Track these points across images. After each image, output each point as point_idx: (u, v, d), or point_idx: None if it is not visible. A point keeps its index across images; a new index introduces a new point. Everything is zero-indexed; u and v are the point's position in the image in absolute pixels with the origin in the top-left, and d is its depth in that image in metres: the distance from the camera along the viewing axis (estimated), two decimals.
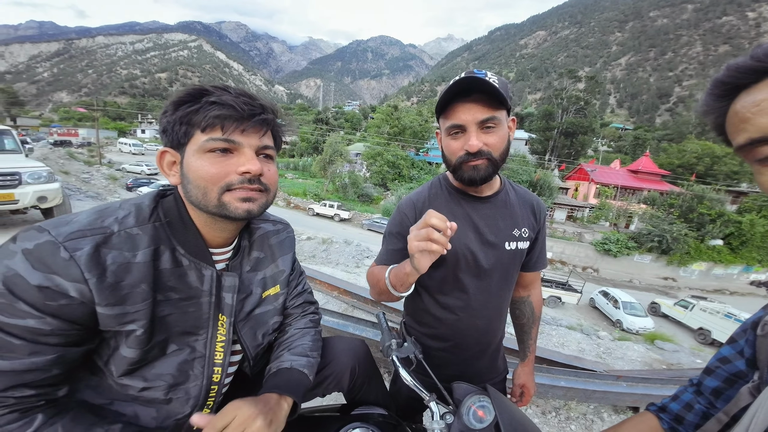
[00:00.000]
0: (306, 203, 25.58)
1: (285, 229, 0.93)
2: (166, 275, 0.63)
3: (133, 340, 0.60)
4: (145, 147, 45.11)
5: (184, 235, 0.66)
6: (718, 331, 12.71)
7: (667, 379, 2.49)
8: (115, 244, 0.57)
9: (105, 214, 0.60)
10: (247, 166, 0.63)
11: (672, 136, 61.30)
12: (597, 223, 25.44)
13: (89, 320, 0.56)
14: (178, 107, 0.61)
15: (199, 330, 0.69)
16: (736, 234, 21.88)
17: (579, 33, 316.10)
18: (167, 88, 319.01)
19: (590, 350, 3.87)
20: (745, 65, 0.41)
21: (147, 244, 0.61)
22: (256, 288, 0.81)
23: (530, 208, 1.04)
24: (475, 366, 1.06)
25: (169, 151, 0.64)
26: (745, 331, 0.59)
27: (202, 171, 0.61)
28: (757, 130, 0.40)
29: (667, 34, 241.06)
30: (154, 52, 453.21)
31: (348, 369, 0.92)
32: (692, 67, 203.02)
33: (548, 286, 14.64)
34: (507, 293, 1.04)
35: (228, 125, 0.61)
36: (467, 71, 0.83)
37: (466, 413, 0.78)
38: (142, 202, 0.65)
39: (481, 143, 0.84)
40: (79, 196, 8.70)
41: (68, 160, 16.52)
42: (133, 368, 0.63)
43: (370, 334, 2.29)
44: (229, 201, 0.63)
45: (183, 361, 0.68)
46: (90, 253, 0.54)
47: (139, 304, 0.59)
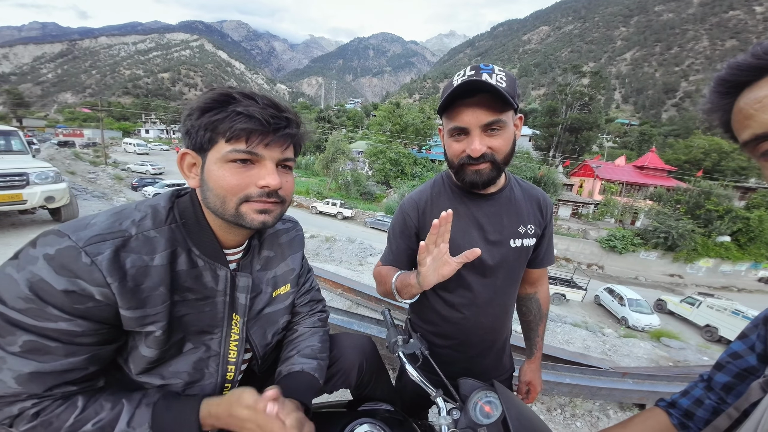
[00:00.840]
0: (309, 201, 25.66)
1: (294, 227, 0.93)
2: (182, 276, 0.64)
3: (152, 340, 0.62)
4: (150, 147, 45.45)
5: (200, 237, 0.67)
6: (725, 328, 12.61)
7: (674, 376, 2.47)
8: (133, 247, 0.58)
9: (122, 216, 0.60)
10: (267, 180, 0.63)
11: (678, 131, 60.54)
12: (602, 219, 25.24)
13: (116, 320, 0.58)
14: (204, 113, 0.60)
15: (214, 329, 0.71)
16: (744, 230, 21.59)
17: (583, 28, 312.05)
18: (170, 88, 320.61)
19: (595, 347, 3.85)
20: (746, 63, 0.41)
21: (164, 246, 0.62)
22: (267, 287, 0.82)
23: (536, 204, 1.01)
24: (480, 364, 1.05)
25: (191, 154, 0.65)
26: (757, 326, 0.59)
27: (223, 181, 0.62)
28: (760, 126, 0.41)
29: (673, 29, 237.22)
30: (156, 52, 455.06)
31: (356, 365, 0.92)
32: (699, 62, 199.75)
33: (553, 283, 14.58)
34: (513, 291, 1.03)
35: (253, 138, 0.61)
36: (472, 65, 0.80)
37: (472, 409, 0.78)
38: (158, 203, 0.66)
39: (485, 147, 0.80)
40: (85, 195, 8.78)
41: (74, 160, 16.68)
42: (151, 366, 0.65)
43: (374, 331, 2.30)
44: (246, 212, 0.64)
45: (198, 359, 0.70)
46: (110, 258, 0.54)
47: (159, 306, 0.61)
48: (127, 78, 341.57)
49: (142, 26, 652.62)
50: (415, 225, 0.98)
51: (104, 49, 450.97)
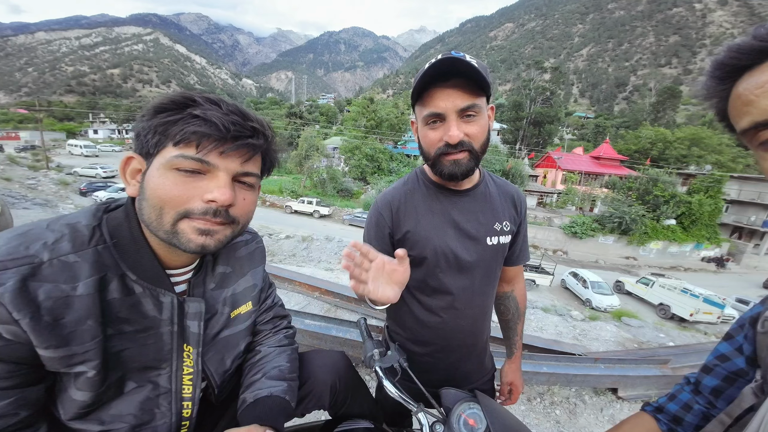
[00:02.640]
0: (283, 201, 24.83)
1: (254, 239, 0.83)
2: (115, 306, 0.55)
3: (84, 382, 0.53)
4: (99, 148, 41.65)
5: (136, 259, 0.57)
6: (676, 306, 13.75)
7: (641, 359, 2.63)
8: (46, 275, 0.48)
9: (29, 238, 0.49)
10: (215, 193, 0.53)
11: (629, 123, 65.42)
12: (564, 207, 26.80)
13: (35, 360, 0.49)
14: (156, 114, 0.53)
15: (161, 363, 0.62)
16: (686, 213, 23.84)
17: (544, 25, 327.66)
18: (121, 85, 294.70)
19: (567, 332, 4.05)
20: (747, 45, 0.38)
21: (89, 273, 0.52)
22: (223, 307, 0.72)
23: (511, 201, 1.00)
24: (462, 368, 1.02)
25: (137, 158, 0.56)
26: (742, 326, 0.56)
27: (162, 190, 0.52)
28: (761, 113, 0.38)
29: (624, 26, 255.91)
30: (104, 47, 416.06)
31: (328, 385, 0.85)
32: (645, 57, 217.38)
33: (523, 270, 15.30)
34: (491, 290, 1.00)
35: (205, 144, 0.52)
36: (444, 53, 0.75)
37: (456, 422, 0.74)
38: (78, 221, 0.55)
39: (462, 134, 0.77)
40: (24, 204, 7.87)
41: (9, 165, 14.90)
42: (85, 411, 0.56)
43: (354, 335, 2.24)
44: (183, 230, 0.54)
45: (145, 399, 0.61)
46: (15, 289, 0.45)
47: (88, 343, 0.51)
48: (70, 75, 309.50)
49: (86, 20, 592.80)
50: (389, 225, 0.93)
51: (42, 45, 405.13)
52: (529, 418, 2.10)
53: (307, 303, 3.66)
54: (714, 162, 30.50)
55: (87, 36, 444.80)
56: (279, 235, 11.61)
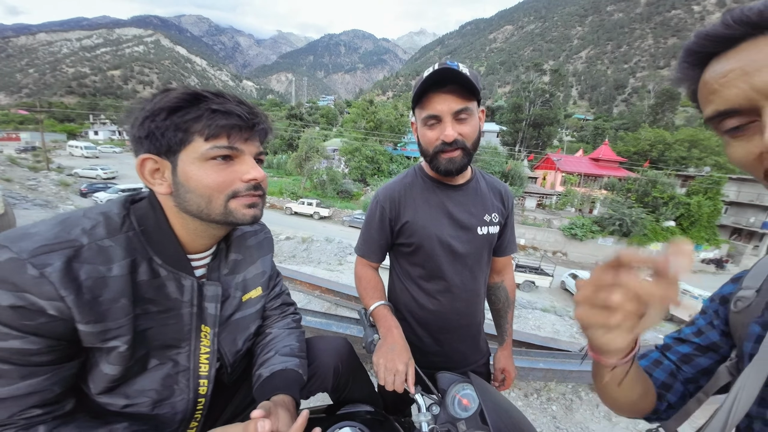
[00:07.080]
0: (283, 202, 24.86)
1: (263, 229, 0.91)
2: (143, 287, 0.61)
3: (116, 356, 0.58)
4: (100, 149, 41.66)
5: (161, 244, 0.63)
6: (675, 306, 13.88)
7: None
8: (86, 257, 0.54)
9: (69, 224, 0.55)
10: (253, 173, 0.64)
11: (628, 125, 65.49)
12: (564, 209, 26.84)
13: (73, 336, 0.54)
14: (172, 113, 0.58)
15: (180, 342, 0.67)
16: (686, 215, 23.93)
17: (543, 27, 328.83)
18: (122, 86, 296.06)
19: (564, 331, 4.09)
20: (714, 32, 0.39)
21: (122, 256, 0.58)
22: (235, 291, 0.79)
23: (499, 195, 1.10)
24: (460, 349, 1.11)
25: (153, 158, 0.60)
26: (713, 300, 0.60)
27: (208, 179, 0.60)
28: (723, 102, 0.39)
29: (623, 28, 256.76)
30: (105, 49, 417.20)
31: (331, 369, 0.90)
32: (644, 60, 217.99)
33: (522, 271, 15.30)
34: (482, 276, 1.10)
35: (234, 134, 0.61)
36: (440, 63, 0.86)
37: (451, 403, 0.80)
38: (110, 210, 0.61)
39: (456, 133, 0.88)
40: (25, 204, 7.92)
41: (10, 166, 14.95)
42: (113, 385, 0.61)
43: (354, 331, 2.29)
44: (235, 208, 0.63)
45: (166, 375, 0.66)
46: (62, 269, 0.50)
47: (122, 320, 0.57)
48: (71, 76, 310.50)
49: (87, 21, 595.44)
50: (390, 216, 1.03)
51: (43, 46, 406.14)
52: (526, 414, 2.14)
53: (308, 301, 3.71)
54: (713, 163, 30.57)
55: (88, 37, 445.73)
56: (279, 237, 11.66)
